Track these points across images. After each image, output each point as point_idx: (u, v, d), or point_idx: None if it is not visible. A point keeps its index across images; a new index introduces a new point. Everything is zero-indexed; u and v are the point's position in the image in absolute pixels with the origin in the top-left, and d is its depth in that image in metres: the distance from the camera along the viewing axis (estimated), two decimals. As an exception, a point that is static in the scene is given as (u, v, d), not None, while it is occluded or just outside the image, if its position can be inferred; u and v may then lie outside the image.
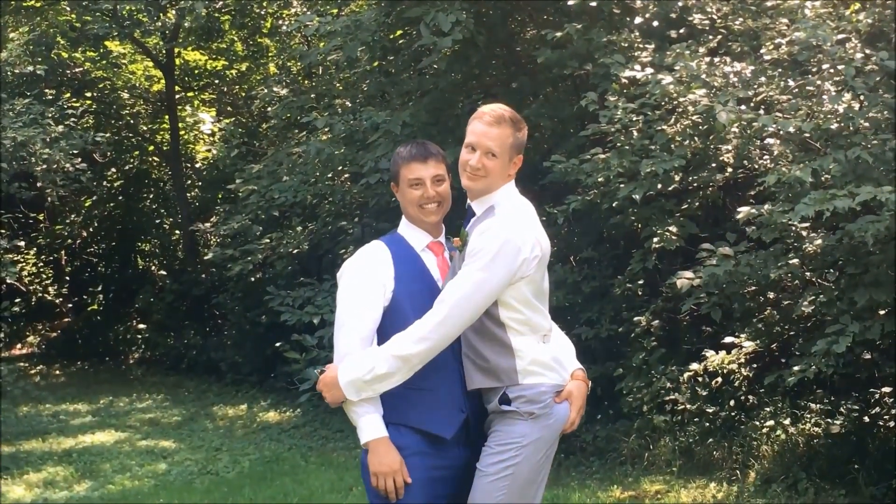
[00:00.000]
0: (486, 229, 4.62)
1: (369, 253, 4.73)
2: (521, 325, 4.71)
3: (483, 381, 4.69)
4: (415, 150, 4.78)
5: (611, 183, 9.66)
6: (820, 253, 8.59)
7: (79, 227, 23.71)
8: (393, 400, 4.55)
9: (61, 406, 16.32)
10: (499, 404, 4.67)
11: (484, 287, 4.55)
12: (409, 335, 4.49)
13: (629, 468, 10.08)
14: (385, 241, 4.79)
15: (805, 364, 8.29)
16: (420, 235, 4.81)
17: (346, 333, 4.63)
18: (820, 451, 9.30)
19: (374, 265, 4.66)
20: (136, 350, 22.00)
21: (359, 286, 4.65)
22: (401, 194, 4.80)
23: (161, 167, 23.35)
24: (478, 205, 4.82)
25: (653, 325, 10.49)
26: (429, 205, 4.75)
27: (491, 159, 4.72)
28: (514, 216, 4.71)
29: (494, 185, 4.77)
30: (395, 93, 13.30)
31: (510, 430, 4.68)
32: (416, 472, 4.52)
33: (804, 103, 8.69)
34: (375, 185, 12.25)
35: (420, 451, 4.55)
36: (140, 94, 22.45)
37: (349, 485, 10.17)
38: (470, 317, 4.57)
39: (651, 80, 9.24)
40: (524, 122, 4.87)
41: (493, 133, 4.72)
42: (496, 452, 4.65)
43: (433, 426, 4.58)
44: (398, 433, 4.53)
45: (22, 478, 11.39)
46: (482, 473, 4.63)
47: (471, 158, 4.74)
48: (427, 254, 4.78)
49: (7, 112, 14.18)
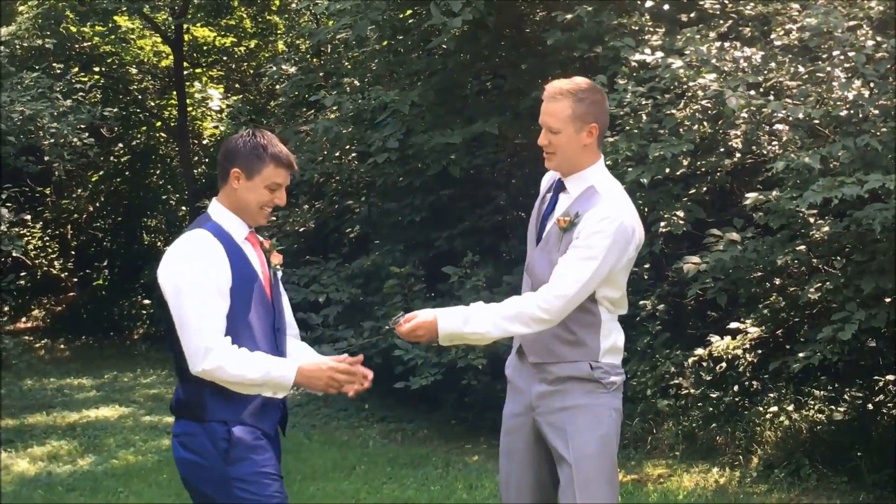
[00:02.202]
0: (606, 215, 4.67)
1: (206, 248, 4.48)
2: (612, 304, 4.84)
3: (567, 352, 4.78)
4: (287, 155, 4.57)
5: (619, 166, 9.64)
6: (827, 240, 8.58)
7: (85, 201, 23.68)
8: (223, 400, 4.45)
9: (66, 380, 16.34)
10: (591, 370, 4.77)
11: (601, 271, 4.66)
12: (528, 311, 4.64)
13: (632, 452, 10.09)
14: (212, 231, 4.52)
15: (810, 351, 8.30)
16: (240, 226, 4.59)
17: (204, 324, 4.41)
18: (823, 438, 9.31)
19: (215, 260, 4.46)
20: (140, 325, 22.02)
21: (205, 283, 4.43)
22: (248, 188, 4.52)
23: (168, 143, 23.32)
24: (572, 183, 4.84)
25: (658, 309, 10.49)
26: (269, 209, 4.61)
27: (554, 135, 4.76)
28: (622, 199, 4.80)
29: (574, 160, 4.81)
30: (404, 72, 13.30)
31: (598, 401, 4.81)
32: (268, 451, 4.52)
33: (814, 90, 8.67)
34: (383, 165, 12.25)
35: (262, 438, 4.53)
36: (148, 69, 22.42)
37: (352, 463, 10.19)
38: (581, 300, 4.68)
39: (661, 64, 9.21)
40: (593, 89, 4.83)
41: (550, 108, 4.77)
42: (590, 427, 4.76)
43: (263, 425, 4.55)
44: (241, 427, 4.47)
45: (26, 451, 11.41)
46: (583, 456, 4.72)
47: (540, 138, 4.83)
48: (246, 245, 4.60)
49: (15, 85, 14.16)
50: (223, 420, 4.44)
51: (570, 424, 4.74)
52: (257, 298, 4.53)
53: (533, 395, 4.84)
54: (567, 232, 4.71)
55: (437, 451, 10.77)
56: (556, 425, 4.77)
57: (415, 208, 12.89)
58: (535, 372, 4.83)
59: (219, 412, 4.45)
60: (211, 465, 4.45)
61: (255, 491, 4.43)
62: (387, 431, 11.92)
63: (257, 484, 4.44)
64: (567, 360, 4.77)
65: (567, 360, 4.77)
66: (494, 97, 12.67)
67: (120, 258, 23.77)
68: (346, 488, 9.26)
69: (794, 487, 8.72)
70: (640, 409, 10.37)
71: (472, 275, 11.30)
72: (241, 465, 4.43)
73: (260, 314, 4.53)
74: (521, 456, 4.95)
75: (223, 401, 4.45)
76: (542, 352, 4.79)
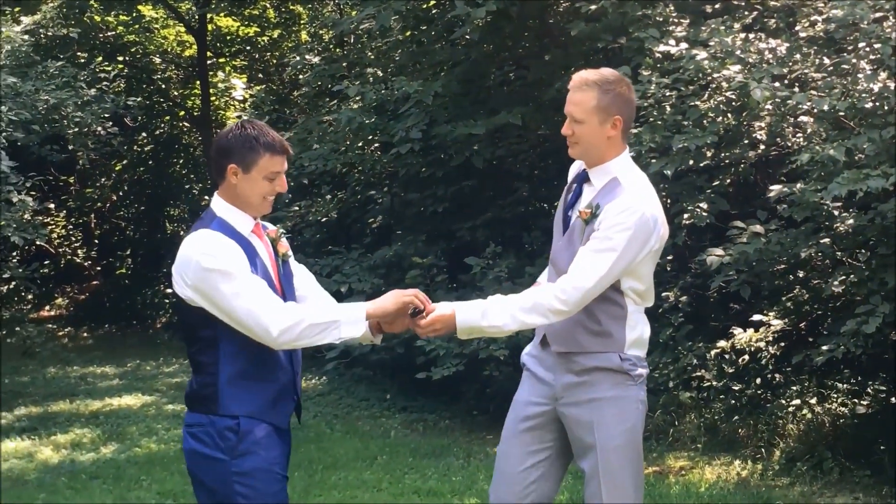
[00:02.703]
0: (627, 207, 4.66)
1: (223, 242, 4.40)
2: (638, 296, 4.82)
3: (593, 343, 4.77)
4: (281, 142, 4.51)
5: (642, 158, 9.61)
6: (851, 233, 8.54)
7: (109, 190, 23.77)
8: (237, 392, 4.42)
9: (89, 368, 16.41)
10: (620, 361, 4.78)
11: (620, 263, 4.64)
12: (545, 303, 4.63)
13: (654, 443, 10.08)
14: (218, 230, 4.44)
15: (834, 344, 8.27)
16: (245, 220, 4.52)
17: (261, 304, 4.33)
18: (846, 431, 9.27)
19: (235, 252, 4.39)
20: (163, 314, 22.08)
21: (237, 268, 4.36)
22: (247, 181, 4.45)
23: (191, 133, 23.38)
24: (596, 175, 4.84)
25: (681, 301, 10.47)
26: (272, 197, 4.56)
27: (578, 125, 4.76)
28: (645, 191, 4.78)
29: (598, 151, 4.81)
30: (427, 62, 13.29)
31: (627, 394, 4.82)
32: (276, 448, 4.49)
33: (839, 81, 8.62)
34: (406, 155, 12.26)
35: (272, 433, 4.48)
36: (172, 59, 22.48)
37: (374, 453, 10.20)
38: (599, 292, 4.67)
39: (685, 56, 9.18)
40: (620, 81, 4.82)
41: (575, 98, 4.76)
42: (618, 420, 4.77)
43: (274, 419, 4.50)
44: (251, 421, 4.42)
45: (50, 439, 11.47)
46: (610, 448, 4.73)
47: (564, 127, 4.82)
48: (253, 238, 4.54)
49: (40, 74, 14.21)
50: (234, 414, 4.41)
51: (598, 416, 4.73)
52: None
53: (558, 386, 4.82)
54: (588, 224, 4.71)
55: (459, 441, 10.78)
56: (582, 417, 4.76)
57: (437, 199, 12.89)
58: (562, 362, 4.81)
59: (231, 406, 4.41)
60: (216, 457, 4.42)
61: (258, 488, 4.41)
62: (408, 422, 11.93)
63: (260, 481, 4.41)
64: (592, 350, 4.76)
65: (593, 351, 4.76)
66: (518, 88, 12.65)
67: (143, 247, 23.86)
68: (367, 478, 9.28)
69: (817, 481, 8.69)
70: (662, 401, 10.35)
71: (494, 266, 11.31)
72: (247, 460, 4.40)
73: None
74: (532, 442, 4.93)
75: (235, 394, 4.41)
76: (569, 341, 4.78)
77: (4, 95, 12.53)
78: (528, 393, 4.97)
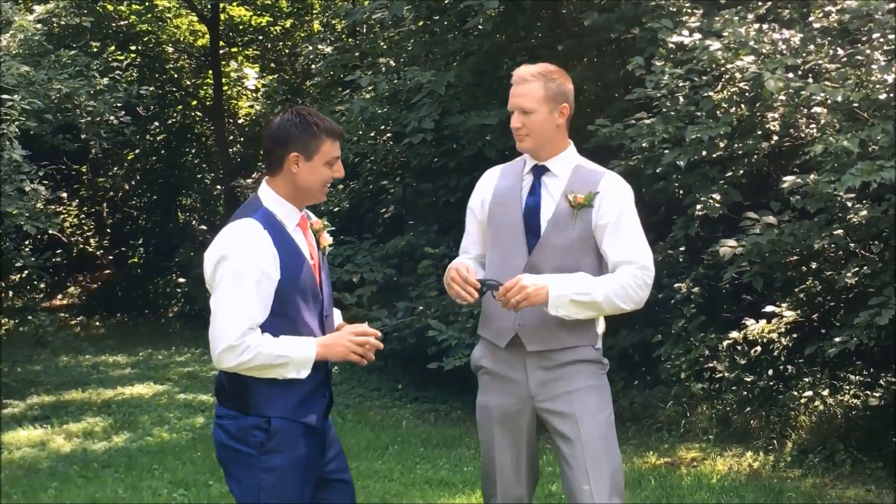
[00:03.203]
0: (619, 184, 4.87)
1: (253, 239, 4.32)
2: None
3: (570, 338, 4.80)
4: (337, 126, 4.45)
5: (655, 148, 9.60)
6: (865, 224, 8.52)
7: (121, 180, 23.82)
8: (270, 392, 4.38)
9: (101, 357, 16.45)
10: (595, 352, 4.87)
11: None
12: (632, 294, 4.73)
13: (665, 435, 10.08)
14: (261, 221, 4.35)
15: (846, 335, 8.25)
16: (292, 213, 4.47)
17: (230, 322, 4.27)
18: (858, 423, 9.25)
19: (261, 255, 4.31)
20: (175, 304, 22.12)
21: (244, 278, 4.28)
22: (308, 169, 4.39)
23: (204, 122, 23.39)
24: (556, 165, 4.92)
25: (693, 292, 10.45)
26: (328, 185, 4.52)
27: (527, 116, 4.82)
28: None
29: (549, 141, 4.87)
30: (440, 53, 13.27)
31: (602, 383, 4.91)
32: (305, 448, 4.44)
33: (853, 72, 8.59)
34: (418, 145, 12.24)
35: (303, 432, 4.45)
36: (184, 48, 22.48)
37: (385, 444, 10.22)
38: None
39: (698, 46, 9.16)
40: (561, 72, 4.92)
41: (521, 90, 4.85)
42: (599, 408, 4.82)
43: (308, 417, 4.46)
44: (282, 420, 4.40)
45: (62, 427, 11.50)
46: (594, 436, 4.76)
47: (512, 121, 4.87)
48: (297, 233, 4.48)
49: (53, 63, 14.22)
50: (265, 415, 4.39)
51: (579, 407, 4.76)
52: (306, 289, 4.43)
53: (532, 385, 4.82)
54: (583, 209, 4.75)
55: (471, 432, 10.77)
56: (563, 409, 4.77)
57: (450, 189, 12.88)
58: (533, 360, 4.81)
59: (262, 406, 4.38)
60: (245, 451, 4.42)
61: (282, 485, 4.41)
62: (420, 412, 11.94)
63: (285, 479, 4.41)
64: (570, 345, 4.79)
65: (570, 346, 4.79)
66: (530, 78, 12.61)
67: (155, 236, 23.90)
68: (379, 468, 9.29)
69: (829, 473, 8.68)
70: (673, 392, 10.35)
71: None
72: (274, 458, 4.39)
73: (309, 304, 4.45)
74: (523, 444, 4.93)
75: (265, 394, 4.38)
76: (546, 340, 4.78)
77: (17, 84, 12.54)
78: (496, 395, 4.94)
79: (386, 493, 8.44)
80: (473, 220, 5.13)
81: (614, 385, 10.84)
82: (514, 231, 4.87)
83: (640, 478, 8.59)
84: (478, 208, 5.10)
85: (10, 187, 11.72)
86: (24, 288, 20.20)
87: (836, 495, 8.13)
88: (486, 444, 5.01)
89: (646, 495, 8.07)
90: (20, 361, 15.60)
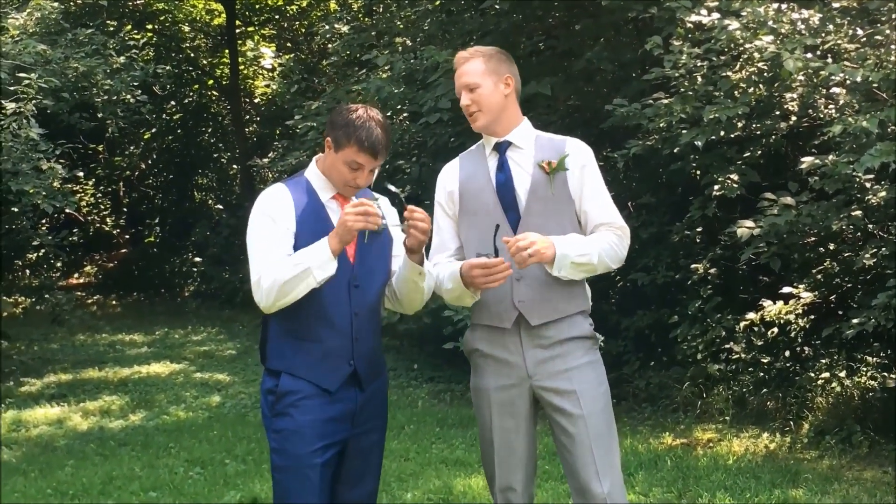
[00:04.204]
0: (582, 147, 4.88)
1: (273, 198, 4.53)
2: None
3: (567, 306, 4.79)
4: (373, 142, 4.53)
5: (673, 128, 9.56)
6: (883, 205, 8.48)
7: (137, 159, 23.87)
8: (282, 348, 4.53)
9: (117, 336, 16.51)
10: (589, 327, 4.84)
11: None
12: (618, 251, 4.75)
13: (681, 415, 10.06)
14: (287, 184, 4.61)
15: (864, 317, 8.22)
16: (327, 186, 4.63)
17: (253, 266, 4.44)
18: (875, 405, 9.22)
19: (279, 208, 4.49)
20: (191, 283, 22.19)
21: (268, 226, 4.48)
22: (333, 159, 4.54)
23: (220, 101, 23.42)
24: (518, 137, 4.94)
25: (710, 272, 10.42)
26: (353, 187, 4.59)
27: (473, 92, 4.85)
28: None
29: (502, 113, 4.92)
30: (457, 32, 13.23)
31: (597, 358, 4.88)
32: (311, 413, 4.48)
33: (872, 52, 8.53)
34: (434, 125, 12.22)
35: (313, 395, 4.50)
36: (201, 27, 22.49)
37: (401, 423, 10.23)
38: None
39: (717, 26, 9.11)
40: (500, 51, 5.01)
41: (464, 70, 4.88)
42: (597, 383, 4.81)
43: (319, 379, 4.51)
44: (292, 379, 4.50)
45: (79, 406, 11.55)
46: (595, 411, 4.74)
47: (461, 102, 4.89)
48: (332, 203, 4.61)
49: (70, 42, 14.23)
50: (277, 370, 4.52)
51: (579, 384, 4.74)
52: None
53: (529, 364, 4.80)
54: (557, 173, 4.77)
55: (486, 412, 10.78)
56: (563, 387, 4.74)
57: (466, 169, 12.83)
58: (529, 339, 4.79)
59: (274, 360, 4.55)
60: (264, 412, 4.60)
61: (287, 449, 4.50)
62: (435, 392, 11.95)
63: (290, 443, 4.49)
64: (569, 313, 4.78)
65: (569, 315, 4.78)
66: (547, 58, 12.59)
67: (171, 215, 23.95)
68: (394, 447, 9.29)
69: (846, 454, 8.66)
70: (690, 373, 10.33)
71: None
72: (281, 420, 4.51)
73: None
74: (521, 425, 4.91)
75: (280, 349, 4.53)
76: (548, 311, 4.76)
77: (34, 63, 12.54)
78: (493, 377, 4.91)
79: (402, 473, 8.44)
80: (444, 216, 5.07)
81: (630, 365, 10.95)
82: (492, 212, 4.84)
83: (655, 458, 8.58)
84: (446, 202, 5.07)
85: (27, 166, 11.73)
86: (40, 267, 20.29)
87: (852, 477, 8.10)
88: (484, 427, 4.99)
89: (661, 476, 8.06)
90: (37, 340, 15.67)
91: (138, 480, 8.49)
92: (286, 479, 4.52)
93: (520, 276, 4.72)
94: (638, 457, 8.58)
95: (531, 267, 4.66)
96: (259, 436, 9.81)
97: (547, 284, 4.72)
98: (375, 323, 4.72)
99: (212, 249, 21.46)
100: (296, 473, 4.49)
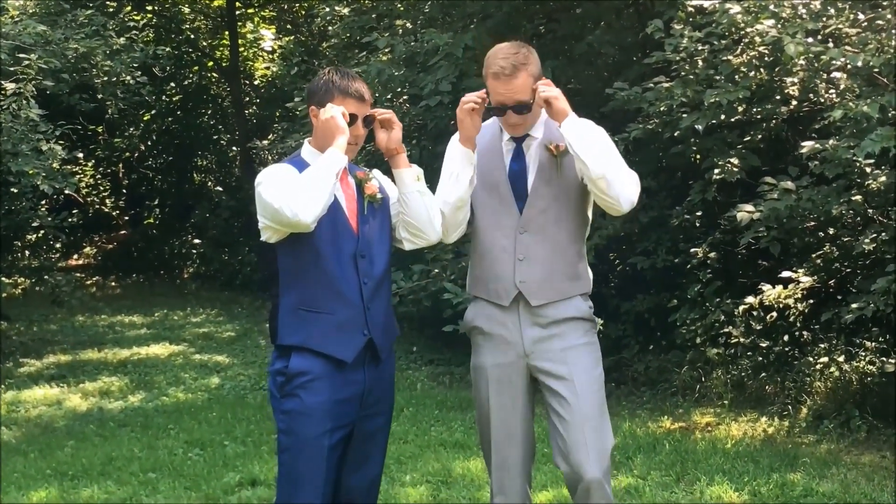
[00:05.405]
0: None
1: (277, 167, 4.57)
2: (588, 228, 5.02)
3: (568, 288, 4.84)
4: (354, 85, 4.61)
5: (673, 112, 9.56)
6: (883, 190, 8.49)
7: (137, 140, 23.82)
8: (294, 323, 4.51)
9: (117, 318, 16.52)
10: (588, 309, 4.88)
11: None
12: (632, 177, 4.76)
13: (680, 399, 10.07)
14: (292, 163, 4.62)
15: (863, 302, 8.23)
16: None
17: (270, 199, 4.39)
18: (874, 390, 9.23)
19: (287, 174, 4.49)
20: (191, 265, 22.19)
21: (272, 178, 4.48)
22: (323, 122, 4.59)
23: (220, 83, 23.38)
24: (537, 129, 4.93)
25: (710, 256, 10.42)
26: (352, 143, 4.63)
27: (523, 114, 4.84)
28: None
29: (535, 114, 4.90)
30: (458, 15, 13.20)
31: (594, 340, 4.92)
32: (320, 395, 4.47)
33: (874, 37, 8.52)
34: (435, 108, 12.19)
35: (323, 375, 4.49)
36: (201, 9, 22.45)
37: (400, 406, 10.23)
38: None
39: (718, 9, 9.09)
40: (529, 49, 4.95)
41: (512, 86, 4.80)
42: (592, 366, 4.85)
43: (333, 349, 4.50)
44: (302, 358, 4.48)
45: (78, 387, 11.56)
46: (588, 392, 4.77)
47: (510, 119, 4.84)
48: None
49: (70, 23, 14.20)
50: (290, 345, 4.50)
51: (574, 365, 4.77)
52: (334, 225, 4.51)
53: (526, 342, 4.82)
54: (565, 156, 4.79)
55: (485, 394, 10.79)
56: (558, 369, 4.78)
57: (466, 152, 12.82)
58: (527, 317, 4.81)
59: (285, 336, 4.52)
60: (273, 393, 4.58)
61: (295, 430, 4.50)
62: (435, 374, 11.97)
63: (298, 424, 4.49)
64: (570, 294, 4.82)
65: (570, 296, 4.81)
66: (548, 41, 12.56)
67: (171, 197, 23.94)
68: (394, 430, 9.21)
69: (844, 439, 8.67)
70: (689, 357, 10.34)
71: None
72: (289, 401, 4.50)
73: (336, 240, 4.52)
74: (518, 403, 4.92)
75: (290, 324, 4.52)
76: (548, 292, 4.80)
77: (34, 43, 12.52)
78: (490, 355, 4.93)
79: (401, 455, 8.46)
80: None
81: (629, 349, 10.95)
82: (502, 189, 4.89)
83: (654, 442, 8.59)
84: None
85: (26, 147, 11.72)
86: (40, 248, 20.26)
87: (850, 461, 8.12)
88: (482, 404, 5.00)
89: (660, 459, 8.08)
90: (36, 321, 15.68)
91: (138, 461, 8.51)
92: (293, 460, 4.51)
93: (523, 257, 4.75)
94: (636, 440, 8.59)
95: (535, 248, 4.71)
96: (258, 417, 9.84)
97: (550, 265, 4.75)
98: (386, 292, 4.73)
99: (211, 231, 21.45)
100: (303, 455, 4.49)
